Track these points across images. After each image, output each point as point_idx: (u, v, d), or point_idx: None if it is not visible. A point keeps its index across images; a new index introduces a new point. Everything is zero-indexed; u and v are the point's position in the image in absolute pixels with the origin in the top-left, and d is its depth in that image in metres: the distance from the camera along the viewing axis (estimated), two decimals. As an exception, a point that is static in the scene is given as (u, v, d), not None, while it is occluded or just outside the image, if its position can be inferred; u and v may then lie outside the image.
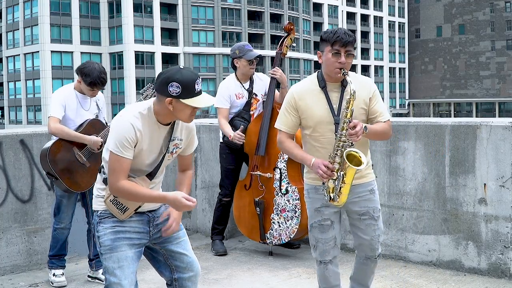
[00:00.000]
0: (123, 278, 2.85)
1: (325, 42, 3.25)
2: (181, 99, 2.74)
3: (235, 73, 5.26)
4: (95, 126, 4.43)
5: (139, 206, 2.91)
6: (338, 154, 3.15)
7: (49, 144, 4.36)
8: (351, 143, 3.15)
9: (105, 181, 2.91)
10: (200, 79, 2.78)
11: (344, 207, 3.38)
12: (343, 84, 3.29)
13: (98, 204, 2.95)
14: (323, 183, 3.24)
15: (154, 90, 4.64)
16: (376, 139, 3.74)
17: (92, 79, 4.32)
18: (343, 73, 3.20)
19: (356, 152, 3.14)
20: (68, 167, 4.31)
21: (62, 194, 4.46)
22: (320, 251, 3.43)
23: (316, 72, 3.39)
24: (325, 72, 3.30)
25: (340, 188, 3.17)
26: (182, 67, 2.80)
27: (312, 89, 3.32)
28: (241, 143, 5.01)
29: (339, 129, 3.16)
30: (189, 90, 2.73)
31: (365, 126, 3.14)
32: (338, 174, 3.16)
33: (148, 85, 4.58)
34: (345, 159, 3.10)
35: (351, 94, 3.15)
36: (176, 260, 3.05)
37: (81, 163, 4.35)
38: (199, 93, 2.78)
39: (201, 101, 2.78)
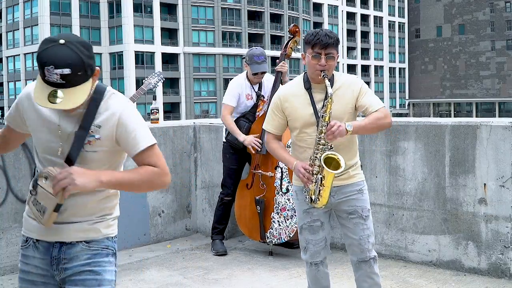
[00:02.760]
0: None
1: (307, 45, 3.20)
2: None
3: (246, 73, 5.27)
4: None
5: (58, 205, 2.13)
6: (318, 157, 3.12)
7: None
8: (330, 146, 3.11)
9: None
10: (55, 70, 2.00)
11: (333, 207, 3.35)
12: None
13: None
14: (304, 186, 3.21)
15: (160, 79, 4.70)
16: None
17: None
18: (323, 76, 3.14)
19: (335, 155, 3.08)
20: None
21: None
22: (311, 252, 3.40)
23: (303, 73, 3.35)
24: (309, 74, 3.27)
25: (320, 191, 3.13)
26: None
27: (297, 91, 3.29)
28: (258, 149, 4.98)
29: (317, 133, 3.13)
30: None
31: (348, 125, 3.05)
32: (317, 177, 3.12)
33: (157, 73, 4.61)
34: (323, 163, 3.07)
35: (327, 97, 3.11)
36: None
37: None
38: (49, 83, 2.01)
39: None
